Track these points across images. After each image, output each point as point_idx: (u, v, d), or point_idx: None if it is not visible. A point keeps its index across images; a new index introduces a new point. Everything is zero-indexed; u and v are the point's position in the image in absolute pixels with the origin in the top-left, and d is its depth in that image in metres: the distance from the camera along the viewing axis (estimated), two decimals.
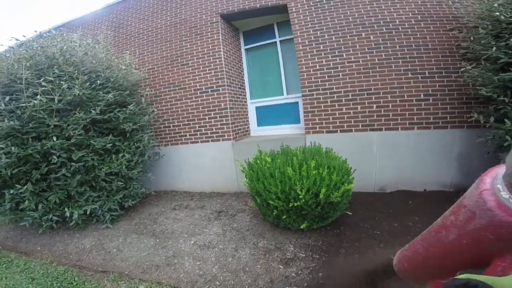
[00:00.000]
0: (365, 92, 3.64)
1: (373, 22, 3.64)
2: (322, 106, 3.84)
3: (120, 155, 3.53)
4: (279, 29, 4.69)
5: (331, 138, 3.78)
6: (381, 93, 3.59)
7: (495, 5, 2.71)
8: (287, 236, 2.75)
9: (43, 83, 2.85)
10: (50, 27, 5.32)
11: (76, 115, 3.07)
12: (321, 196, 2.41)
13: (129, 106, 3.62)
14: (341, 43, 3.73)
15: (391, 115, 3.57)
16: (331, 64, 3.77)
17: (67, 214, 3.03)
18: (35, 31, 3.88)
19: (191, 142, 4.49)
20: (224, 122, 4.27)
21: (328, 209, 2.59)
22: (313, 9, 3.92)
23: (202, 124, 4.39)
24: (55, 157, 2.84)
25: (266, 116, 4.93)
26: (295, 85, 4.51)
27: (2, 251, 3.14)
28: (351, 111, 3.71)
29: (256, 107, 5.00)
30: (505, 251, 0.49)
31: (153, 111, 4.25)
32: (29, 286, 2.37)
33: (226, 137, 4.27)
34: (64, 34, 3.67)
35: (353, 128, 3.72)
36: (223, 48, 4.34)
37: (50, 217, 3.05)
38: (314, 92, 3.87)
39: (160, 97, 4.62)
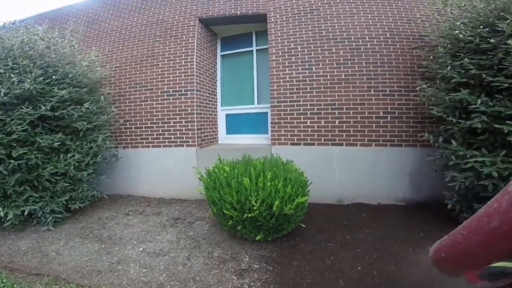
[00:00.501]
0: (330, 107, 3.72)
1: (344, 37, 3.75)
2: (288, 118, 3.87)
3: (69, 155, 3.28)
4: (257, 38, 4.72)
5: (294, 150, 3.81)
6: (344, 109, 3.70)
7: (457, 23, 2.76)
8: (243, 247, 2.69)
9: None
10: (20, 19, 4.94)
11: (22, 110, 2.84)
12: (274, 208, 2.39)
13: (85, 104, 3.42)
14: (312, 56, 3.80)
15: (351, 131, 3.68)
16: (301, 76, 3.82)
17: (1, 214, 2.75)
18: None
19: (153, 146, 4.31)
20: (190, 127, 4.16)
21: (282, 221, 2.57)
22: (291, 21, 3.98)
23: (166, 128, 4.25)
24: None
25: (236, 124, 4.89)
26: (267, 95, 4.48)
27: None
28: (315, 124, 3.77)
29: (226, 115, 4.95)
30: None
31: (113, 111, 4.04)
32: None
33: (190, 143, 4.16)
34: (29, 26, 3.42)
35: (316, 142, 3.78)
36: (197, 52, 4.28)
37: None
38: (282, 104, 3.89)
39: (124, 97, 4.42)
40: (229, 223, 2.60)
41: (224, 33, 4.89)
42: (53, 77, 3.10)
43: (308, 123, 3.80)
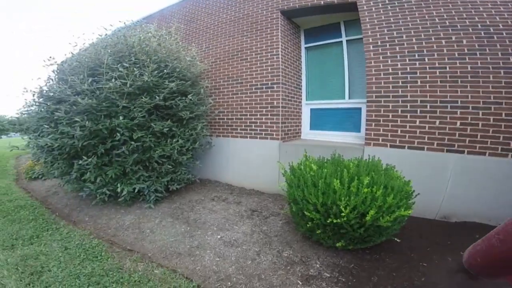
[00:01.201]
0: (449, 105, 2.94)
1: (467, 25, 2.93)
2: (390, 116, 3.25)
3: (175, 139, 3.72)
4: (346, 28, 4.21)
5: (395, 153, 3.18)
6: (470, 108, 2.84)
7: None
8: (316, 251, 2.46)
9: (120, 69, 3.19)
10: (134, 20, 5.84)
11: (142, 99, 3.34)
12: (367, 217, 2.05)
13: (188, 96, 3.78)
14: (423, 46, 3.10)
15: (479, 136, 2.79)
16: (408, 68, 3.16)
17: (118, 189, 3.33)
18: (123, 22, 4.39)
19: (240, 137, 4.46)
20: (274, 120, 4.08)
21: (373, 233, 2.20)
22: (389, 8, 3.36)
23: (253, 120, 4.31)
24: (118, 134, 3.15)
25: (321, 119, 4.52)
26: (360, 90, 4.01)
27: (56, 218, 3.54)
28: (427, 125, 3.05)
29: (311, 109, 4.63)
30: None
31: (210, 102, 4.36)
32: (59, 254, 2.56)
33: (274, 136, 4.08)
34: (143, 25, 4.04)
35: (426, 146, 3.05)
36: (281, 45, 4.14)
37: (104, 190, 3.39)
38: (382, 99, 3.31)
39: (218, 90, 4.72)
40: (308, 225, 2.38)
41: (307, 24, 4.56)
42: (165, 71, 3.53)
43: (417, 122, 3.10)
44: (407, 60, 3.17)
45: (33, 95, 3.41)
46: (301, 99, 4.66)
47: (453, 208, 2.93)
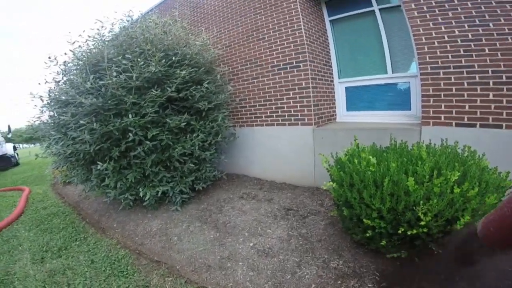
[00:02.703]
0: None
1: None
2: (454, 90, 2.52)
3: (194, 134, 3.22)
4: None
5: (463, 133, 2.42)
6: None
7: None
8: (374, 260, 1.89)
9: (123, 61, 2.73)
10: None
11: (152, 92, 2.86)
12: (458, 225, 1.39)
13: (204, 84, 3.24)
14: (483, 10, 2.39)
15: None
16: (470, 35, 2.44)
17: (141, 194, 2.94)
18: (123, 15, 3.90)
19: (266, 124, 3.85)
20: (305, 103, 3.40)
21: None
22: None
23: (279, 105, 3.65)
24: (131, 134, 2.72)
25: (359, 99, 3.73)
26: (406, 62, 3.27)
27: (85, 226, 3.34)
28: (504, 99, 2.29)
29: (346, 88, 3.85)
30: None
31: (230, 89, 3.78)
32: (85, 269, 2.32)
33: (306, 121, 3.41)
34: (145, 15, 3.55)
35: (504, 123, 2.27)
36: (303, 19, 3.38)
37: (127, 196, 3.03)
38: (441, 71, 2.58)
39: (237, 76, 4.10)
40: (367, 234, 1.74)
41: None
42: (173, 58, 3.00)
43: (491, 96, 2.34)
44: (466, 26, 2.45)
45: (42, 100, 3.09)
46: (332, 77, 3.88)
47: None
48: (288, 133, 3.60)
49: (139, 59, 2.72)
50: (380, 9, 3.37)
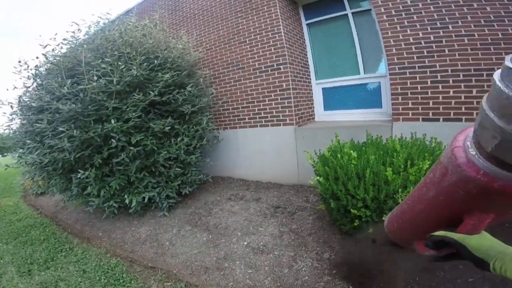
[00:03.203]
0: (484, 73, 2.47)
1: None
2: (419, 88, 2.75)
3: (179, 138, 3.16)
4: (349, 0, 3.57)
5: (429, 127, 2.64)
6: None
7: None
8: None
9: (103, 65, 2.61)
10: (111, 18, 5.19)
11: (134, 96, 2.77)
12: None
13: (187, 87, 3.19)
14: (444, 13, 2.62)
15: None
16: (432, 37, 2.67)
17: (127, 201, 2.83)
18: (98, 17, 3.68)
19: (250, 126, 3.89)
20: (286, 104, 3.49)
21: None
22: None
23: (261, 107, 3.71)
24: (114, 140, 2.61)
25: (335, 98, 3.91)
26: (376, 63, 3.50)
27: (68, 236, 3.15)
28: (462, 95, 2.56)
29: (323, 88, 4.02)
30: (475, 208, 0.47)
31: (212, 92, 3.76)
32: (78, 279, 2.19)
33: (287, 121, 3.51)
34: (122, 17, 3.41)
35: (464, 117, 2.55)
36: (283, 22, 3.48)
37: (111, 203, 2.89)
38: (408, 70, 2.80)
39: (218, 78, 4.10)
40: (355, 224, 1.86)
41: (304, 0, 3.88)
42: (155, 61, 2.93)
43: (451, 92, 2.61)
44: (429, 28, 2.67)
45: (11, 107, 2.84)
46: (310, 79, 4.03)
47: None
48: (271, 133, 3.67)
49: (119, 63, 2.61)
50: (352, 13, 3.56)
